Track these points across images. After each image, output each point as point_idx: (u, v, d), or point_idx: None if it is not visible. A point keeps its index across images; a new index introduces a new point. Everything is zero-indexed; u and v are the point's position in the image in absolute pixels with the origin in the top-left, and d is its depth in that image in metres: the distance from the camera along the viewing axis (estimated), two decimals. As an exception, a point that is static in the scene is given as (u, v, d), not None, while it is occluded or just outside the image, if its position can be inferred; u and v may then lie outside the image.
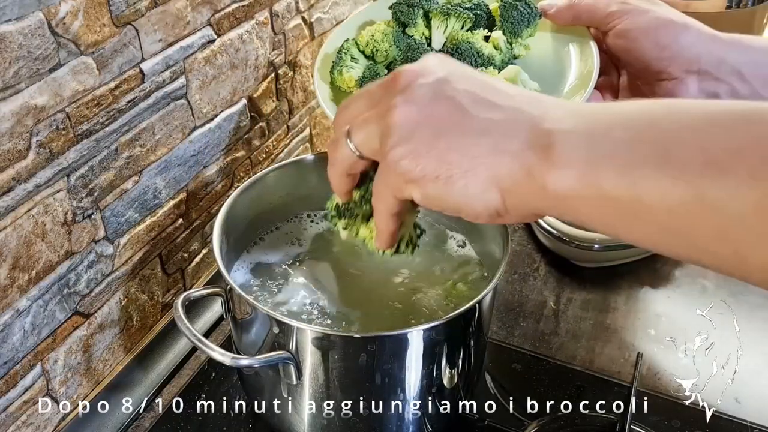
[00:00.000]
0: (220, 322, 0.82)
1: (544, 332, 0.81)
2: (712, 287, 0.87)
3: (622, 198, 0.35)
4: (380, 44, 0.66)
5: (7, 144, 0.53)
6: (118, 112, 0.63)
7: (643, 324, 0.82)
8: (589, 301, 0.85)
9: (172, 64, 0.69)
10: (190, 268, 0.81)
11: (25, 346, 0.60)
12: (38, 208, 0.58)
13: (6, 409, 0.60)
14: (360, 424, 0.61)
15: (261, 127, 0.87)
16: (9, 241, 0.56)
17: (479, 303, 0.59)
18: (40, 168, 0.57)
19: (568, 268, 0.89)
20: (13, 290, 0.58)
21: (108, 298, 0.69)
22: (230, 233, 0.68)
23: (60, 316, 0.63)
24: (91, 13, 0.58)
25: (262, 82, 0.85)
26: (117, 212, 0.67)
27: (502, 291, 0.86)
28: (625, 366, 0.76)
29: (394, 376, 0.59)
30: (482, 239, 0.71)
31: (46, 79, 0.55)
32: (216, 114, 0.78)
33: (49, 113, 0.56)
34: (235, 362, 0.57)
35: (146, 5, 0.63)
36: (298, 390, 0.60)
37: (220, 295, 0.63)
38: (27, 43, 0.53)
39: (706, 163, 0.33)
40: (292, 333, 0.57)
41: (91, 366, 0.69)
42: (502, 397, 0.71)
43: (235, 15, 0.77)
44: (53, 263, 0.61)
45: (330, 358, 0.58)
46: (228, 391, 0.72)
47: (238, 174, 0.86)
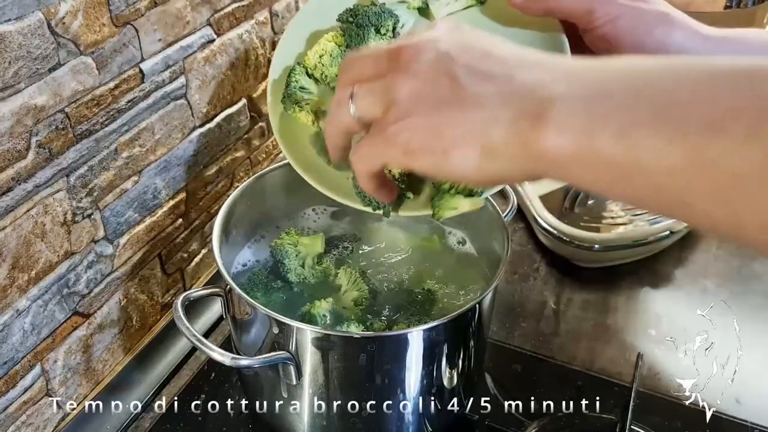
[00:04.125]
0: (219, 322, 0.82)
1: (544, 332, 0.81)
2: (713, 287, 0.87)
3: (619, 160, 0.35)
4: (329, 69, 0.61)
5: (6, 144, 0.53)
6: (117, 112, 0.63)
7: (643, 324, 0.82)
8: (589, 301, 0.85)
9: (171, 64, 0.69)
10: (189, 269, 0.81)
11: (24, 346, 0.60)
12: (38, 208, 0.58)
13: (6, 409, 0.60)
14: (360, 424, 0.61)
15: (261, 127, 0.87)
16: (9, 241, 0.56)
17: (479, 303, 0.59)
18: (39, 168, 0.57)
19: (568, 268, 0.89)
20: (13, 290, 0.57)
21: (107, 299, 0.69)
22: (230, 233, 0.68)
23: (60, 316, 0.63)
24: (90, 13, 0.58)
25: (261, 82, 0.85)
26: (116, 212, 0.67)
27: (502, 291, 0.86)
28: (626, 366, 0.76)
29: (394, 376, 0.59)
30: (482, 238, 0.71)
31: (45, 79, 0.55)
32: (216, 114, 0.78)
33: (49, 113, 0.56)
34: (234, 362, 0.57)
35: (146, 5, 0.63)
36: (298, 390, 0.60)
37: (219, 296, 0.63)
38: (27, 43, 0.52)
39: (704, 123, 0.33)
40: (291, 333, 0.57)
41: (91, 366, 0.69)
42: (502, 397, 0.71)
43: (234, 15, 0.76)
44: (53, 263, 0.61)
45: (330, 358, 0.58)
46: (228, 391, 0.72)
47: (238, 174, 0.85)
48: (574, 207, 0.92)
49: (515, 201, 0.71)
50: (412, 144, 0.41)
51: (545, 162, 0.38)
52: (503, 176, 0.41)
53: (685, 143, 0.33)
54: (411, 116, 0.41)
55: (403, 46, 0.43)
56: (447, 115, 0.40)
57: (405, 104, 0.41)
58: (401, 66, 0.42)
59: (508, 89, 0.39)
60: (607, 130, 0.35)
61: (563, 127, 0.37)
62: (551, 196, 0.93)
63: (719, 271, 0.90)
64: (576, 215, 0.90)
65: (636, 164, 0.35)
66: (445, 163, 0.41)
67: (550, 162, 0.38)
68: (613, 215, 0.90)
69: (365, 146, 0.45)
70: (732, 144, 0.32)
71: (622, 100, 0.36)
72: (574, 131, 0.36)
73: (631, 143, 0.35)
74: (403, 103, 0.41)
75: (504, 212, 0.67)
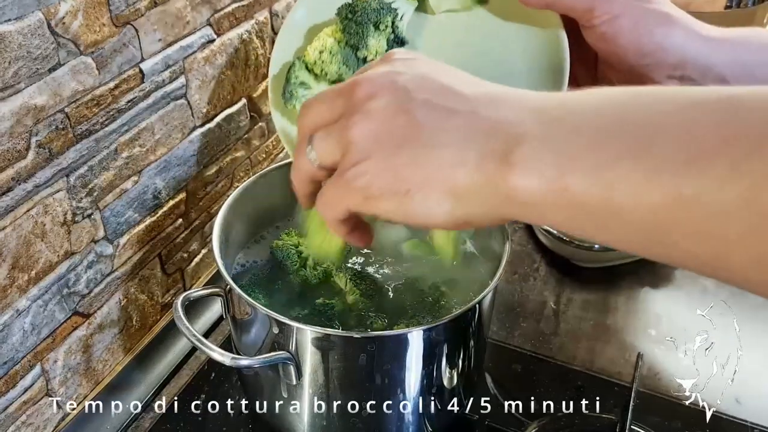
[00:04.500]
0: (219, 322, 0.82)
1: (544, 332, 0.81)
2: (712, 287, 0.87)
3: (593, 201, 0.33)
4: (329, 66, 0.61)
5: (6, 144, 0.53)
6: (117, 111, 0.63)
7: (643, 324, 0.82)
8: (589, 301, 0.85)
9: (171, 64, 0.69)
10: (189, 268, 0.81)
11: (24, 346, 0.60)
12: (38, 208, 0.58)
13: (6, 409, 0.60)
14: (360, 424, 0.61)
15: (261, 127, 0.87)
16: (8, 241, 0.56)
17: (479, 303, 0.59)
18: (39, 168, 0.57)
19: (568, 268, 0.89)
20: (13, 290, 0.57)
21: (107, 299, 0.69)
22: (230, 233, 0.68)
23: (59, 316, 0.63)
24: (90, 13, 0.58)
25: (261, 81, 0.85)
26: (116, 212, 0.67)
27: (502, 291, 0.86)
28: (626, 366, 0.76)
29: (394, 376, 0.59)
30: (482, 238, 0.71)
31: (45, 79, 0.55)
32: (216, 114, 0.78)
33: (49, 113, 0.56)
34: (234, 362, 0.57)
35: (146, 5, 0.63)
36: (297, 390, 0.60)
37: (219, 296, 0.63)
38: (26, 43, 0.52)
39: (684, 159, 0.31)
40: (291, 333, 0.57)
41: (91, 366, 0.69)
42: (502, 397, 0.71)
43: (234, 15, 0.76)
44: (53, 263, 0.61)
45: (330, 359, 0.58)
46: (228, 391, 0.72)
47: (238, 174, 0.85)
48: (574, 207, 0.92)
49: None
50: (372, 188, 0.39)
51: (516, 205, 0.36)
52: (472, 220, 0.39)
53: (663, 181, 0.31)
54: (369, 159, 0.39)
55: (358, 83, 0.41)
56: (407, 156, 0.38)
57: (362, 146, 0.39)
58: (356, 106, 0.40)
59: (471, 127, 0.37)
60: (578, 169, 0.34)
61: (532, 167, 0.35)
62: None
63: (719, 271, 0.90)
64: (576, 215, 0.90)
65: (611, 205, 0.33)
66: (408, 206, 0.39)
67: (521, 204, 0.36)
68: (613, 215, 0.90)
69: (326, 193, 0.43)
70: (714, 180, 0.30)
71: (593, 136, 0.34)
72: (544, 172, 0.34)
73: (604, 183, 0.33)
74: (359, 145, 0.39)
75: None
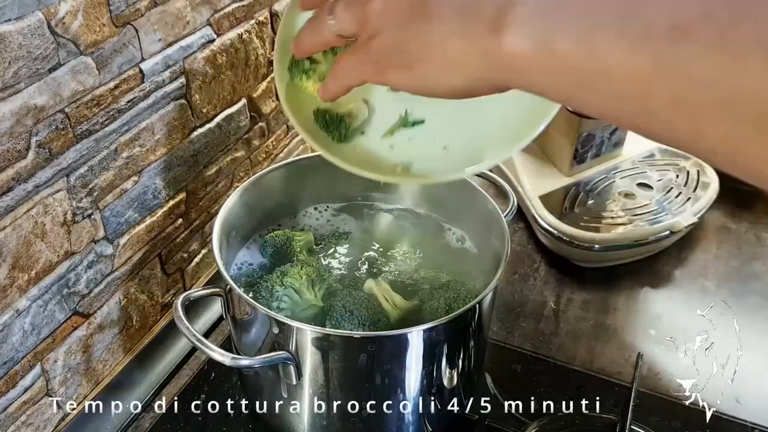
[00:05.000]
0: (219, 322, 0.82)
1: (544, 332, 0.81)
2: (713, 287, 0.87)
3: (579, 65, 0.34)
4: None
5: (6, 144, 0.53)
6: (117, 111, 0.63)
7: (643, 324, 0.82)
8: (589, 301, 0.85)
9: (171, 64, 0.69)
10: (189, 268, 0.81)
11: (24, 346, 0.60)
12: (38, 208, 0.58)
13: (6, 409, 0.60)
14: (360, 424, 0.61)
15: (261, 127, 0.87)
16: (9, 241, 0.56)
17: (479, 303, 0.59)
18: (39, 168, 0.57)
19: (568, 268, 0.89)
20: (13, 290, 0.57)
21: (107, 299, 0.69)
22: (230, 233, 0.68)
23: (59, 317, 0.63)
24: (90, 13, 0.58)
25: (261, 81, 0.85)
26: (117, 212, 0.67)
27: (502, 291, 0.86)
28: (626, 366, 0.76)
29: (394, 376, 0.59)
30: (482, 238, 0.71)
31: (45, 79, 0.55)
32: (216, 114, 0.78)
33: (49, 113, 0.56)
34: (234, 362, 0.57)
35: (146, 5, 0.63)
36: (298, 390, 0.60)
37: (219, 296, 0.63)
38: (27, 43, 0.52)
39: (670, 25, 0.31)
40: (291, 333, 0.57)
41: (91, 366, 0.69)
42: (502, 397, 0.71)
43: (234, 15, 0.76)
44: (53, 263, 0.61)
45: (330, 358, 0.58)
46: (228, 391, 0.72)
47: (238, 174, 0.85)
48: (574, 207, 0.92)
49: (515, 201, 0.71)
50: (382, 61, 0.43)
51: (507, 70, 0.38)
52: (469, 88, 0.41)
53: (649, 47, 0.32)
54: (381, 33, 0.42)
55: None
56: (412, 31, 0.41)
57: (376, 21, 0.43)
58: None
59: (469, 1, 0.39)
60: (567, 33, 0.35)
61: (522, 31, 0.36)
62: (551, 196, 0.93)
63: (719, 271, 0.90)
64: (576, 215, 0.90)
65: (597, 69, 0.34)
66: (415, 78, 0.42)
67: (511, 69, 0.37)
68: (613, 215, 0.90)
69: (344, 62, 0.46)
70: (699, 48, 0.30)
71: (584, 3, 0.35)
72: (533, 35, 0.36)
73: (592, 47, 0.34)
74: (374, 20, 0.43)
75: (504, 212, 0.68)
